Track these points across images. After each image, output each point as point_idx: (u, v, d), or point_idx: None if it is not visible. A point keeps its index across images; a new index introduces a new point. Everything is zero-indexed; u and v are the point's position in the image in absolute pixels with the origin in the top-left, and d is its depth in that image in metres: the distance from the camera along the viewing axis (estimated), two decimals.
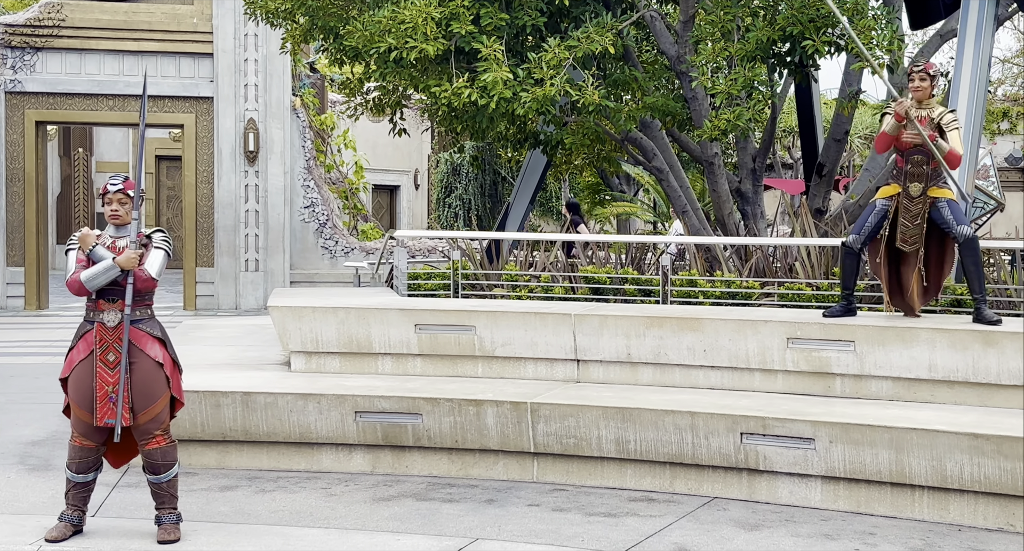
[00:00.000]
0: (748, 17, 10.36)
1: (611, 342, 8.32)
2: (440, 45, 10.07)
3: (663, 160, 12.79)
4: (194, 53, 19.51)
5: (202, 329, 12.66)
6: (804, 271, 9.60)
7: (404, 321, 8.69)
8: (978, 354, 7.37)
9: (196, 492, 7.18)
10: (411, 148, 29.53)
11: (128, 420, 5.86)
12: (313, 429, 7.81)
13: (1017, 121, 32.27)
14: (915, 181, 7.92)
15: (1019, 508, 6.45)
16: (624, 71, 11.85)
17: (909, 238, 8.01)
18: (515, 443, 7.60)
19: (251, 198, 19.48)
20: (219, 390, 7.88)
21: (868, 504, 6.85)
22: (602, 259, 10.97)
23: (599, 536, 6.34)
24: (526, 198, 14.73)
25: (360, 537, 6.17)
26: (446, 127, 12.83)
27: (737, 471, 7.19)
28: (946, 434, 6.58)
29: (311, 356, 8.85)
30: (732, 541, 6.26)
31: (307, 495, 7.22)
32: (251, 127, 19.36)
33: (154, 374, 5.94)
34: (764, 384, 7.98)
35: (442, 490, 7.35)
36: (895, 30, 10.21)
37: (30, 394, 10.67)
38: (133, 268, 5.85)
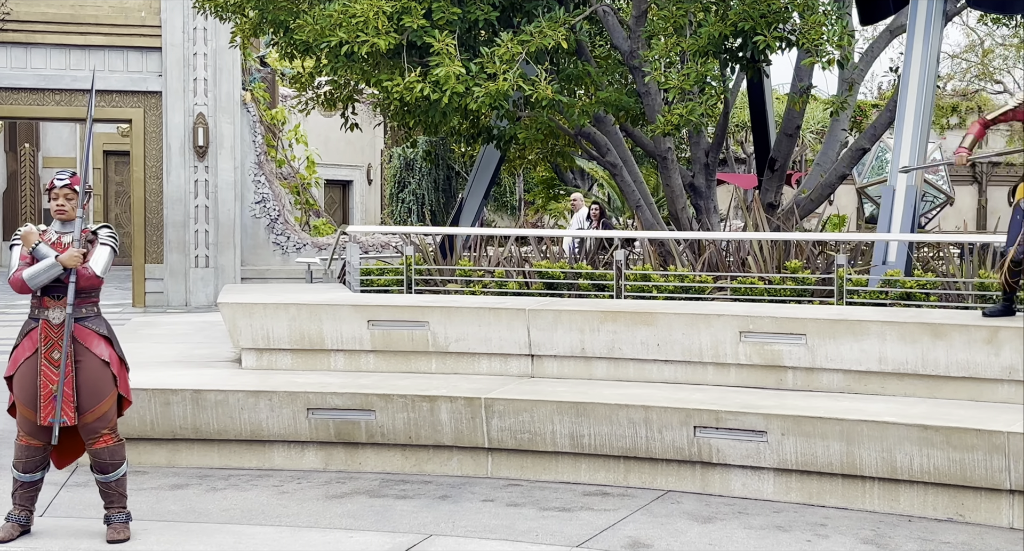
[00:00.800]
0: (700, 12, 10.42)
1: (565, 337, 8.34)
2: (392, 39, 10.03)
3: (617, 155, 12.83)
4: (142, 47, 19.31)
5: (151, 326, 12.56)
6: (756, 265, 9.68)
7: (357, 317, 8.66)
8: (927, 347, 7.46)
9: (146, 491, 7.13)
10: (364, 143, 29.40)
11: (72, 419, 5.80)
12: (264, 427, 7.77)
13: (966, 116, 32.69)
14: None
15: (968, 499, 6.54)
16: (577, 66, 11.87)
17: None
18: (469, 439, 7.60)
19: (201, 194, 19.31)
20: (169, 388, 7.82)
21: (820, 496, 6.92)
22: (556, 254, 10.99)
23: (553, 531, 6.36)
24: (480, 193, 14.72)
25: (313, 535, 6.15)
26: (398, 122, 12.79)
27: (691, 464, 7.23)
28: (896, 426, 6.66)
29: (262, 353, 8.80)
30: (686, 534, 6.30)
31: (259, 493, 7.18)
32: (200, 122, 19.20)
33: (100, 372, 5.88)
34: (717, 378, 8.04)
35: (396, 487, 7.34)
36: (845, 26, 10.31)
37: None
38: (76, 266, 5.79)
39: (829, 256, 9.89)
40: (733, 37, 10.31)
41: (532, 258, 10.84)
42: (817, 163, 13.79)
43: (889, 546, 6.09)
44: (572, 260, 10.53)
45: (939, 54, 10.54)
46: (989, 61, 28.50)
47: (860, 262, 10.00)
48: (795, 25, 10.45)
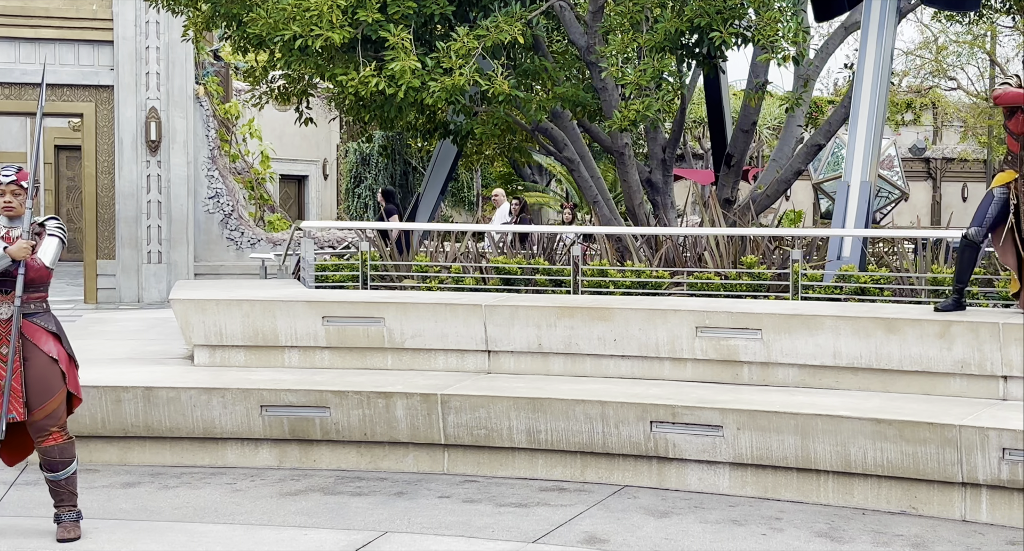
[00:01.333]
0: (656, 8, 10.45)
1: (522, 333, 8.34)
2: (346, 33, 10.00)
3: (574, 150, 12.86)
4: (94, 41, 19.11)
5: (103, 323, 12.45)
6: (713, 261, 9.73)
7: (311, 313, 8.62)
8: (881, 341, 7.53)
9: (97, 489, 7.06)
10: (319, 137, 29.26)
11: (21, 414, 5.74)
12: (218, 424, 7.72)
13: (920, 112, 33.01)
14: None
15: (921, 491, 6.62)
16: (534, 61, 11.89)
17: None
18: (425, 435, 7.59)
19: (153, 188, 19.15)
20: (120, 385, 7.76)
21: (775, 489, 6.97)
22: (513, 250, 11.00)
23: (509, 527, 6.36)
24: (436, 188, 14.71)
25: (266, 532, 6.12)
26: (354, 117, 12.76)
27: (647, 459, 7.26)
28: (850, 420, 6.72)
29: (215, 350, 8.74)
30: (642, 528, 6.33)
31: (212, 491, 7.14)
32: (153, 116, 19.04)
33: (49, 370, 5.82)
34: (674, 373, 8.07)
35: (351, 484, 7.32)
36: (800, 22, 10.39)
37: None
38: (25, 257, 5.73)
39: (785, 251, 9.97)
40: (689, 33, 10.36)
41: (489, 253, 10.84)
42: (773, 159, 13.89)
43: (843, 539, 6.15)
44: (497, 254, 10.55)
45: (893, 51, 10.65)
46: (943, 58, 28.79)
47: (815, 257, 10.09)
48: (751, 21, 10.52)
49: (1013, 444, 6.32)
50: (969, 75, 31.02)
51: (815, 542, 6.09)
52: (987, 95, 29.05)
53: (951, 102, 32.37)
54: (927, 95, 31.05)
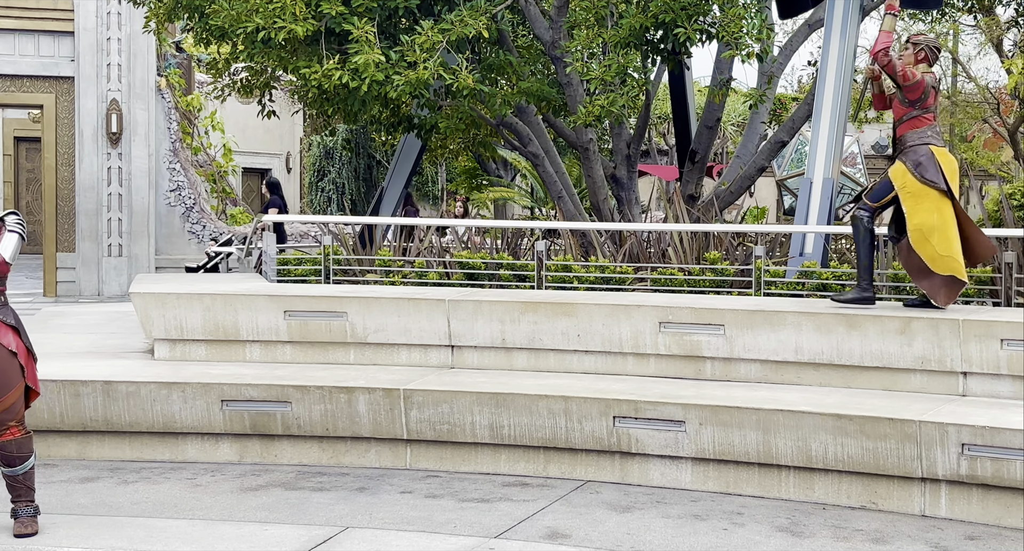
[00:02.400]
0: (622, 4, 10.47)
1: (486, 327, 8.34)
2: (310, 26, 9.96)
3: (539, 145, 12.86)
4: (54, 31, 18.94)
5: (62, 316, 12.33)
6: (677, 256, 9.75)
7: (273, 307, 8.58)
8: (842, 337, 7.57)
9: (55, 484, 7.01)
10: (282, 130, 29.10)
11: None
12: (178, 418, 7.67)
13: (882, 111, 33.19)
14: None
15: (881, 486, 6.67)
16: (499, 55, 11.88)
17: None
18: (388, 430, 7.58)
19: (114, 181, 19.00)
20: (79, 379, 7.70)
21: (736, 484, 7.00)
22: (477, 244, 10.99)
23: (472, 522, 6.36)
24: (400, 182, 14.66)
25: (226, 528, 6.09)
26: (317, 110, 12.71)
27: (610, 454, 7.28)
28: (811, 415, 6.76)
29: (175, 344, 8.69)
30: (604, 523, 6.34)
31: (171, 486, 7.10)
32: (114, 108, 18.89)
33: (7, 363, 5.78)
34: (637, 368, 8.09)
35: (312, 479, 7.30)
36: (764, 19, 10.45)
37: None
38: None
39: (748, 248, 10.01)
40: (654, 29, 10.39)
41: (453, 248, 10.82)
42: (737, 155, 13.96)
43: (804, 533, 6.19)
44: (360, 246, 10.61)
45: (856, 48, 10.71)
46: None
47: (778, 253, 10.14)
48: (715, 18, 10.56)
49: (972, 440, 6.38)
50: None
51: (776, 537, 6.13)
52: (949, 94, 29.27)
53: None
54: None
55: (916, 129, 7.61)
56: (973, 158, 30.39)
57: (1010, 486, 6.32)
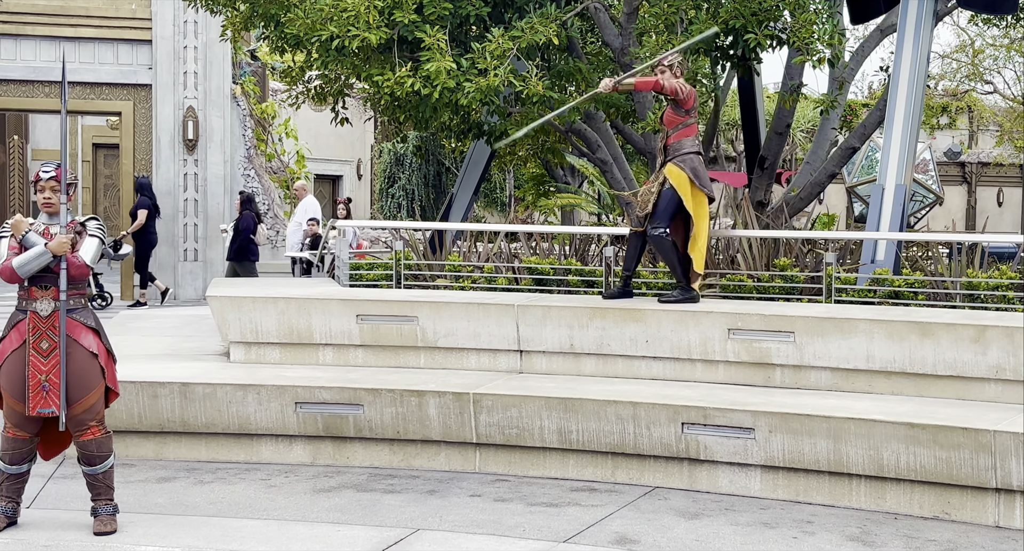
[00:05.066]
0: (691, 10, 10.44)
1: (554, 333, 8.34)
2: (383, 34, 10.03)
3: (607, 152, 12.85)
4: (132, 40, 19.27)
5: (140, 319, 12.53)
6: (746, 263, 9.68)
7: (345, 311, 8.66)
8: (915, 345, 7.47)
9: (133, 483, 7.12)
10: (354, 137, 29.39)
11: (59, 407, 5.79)
12: (252, 420, 7.76)
13: (956, 116, 32.74)
14: (659, 155, 8.63)
15: (954, 496, 6.57)
16: (568, 62, 11.88)
17: (640, 206, 8.64)
18: (457, 434, 7.60)
19: (190, 187, 19.28)
20: (157, 381, 7.81)
21: (806, 493, 6.94)
22: (545, 250, 10.99)
23: (540, 526, 6.36)
24: (470, 189, 14.72)
25: (300, 528, 6.15)
26: (389, 117, 12.79)
27: (678, 461, 7.25)
28: (883, 424, 6.68)
29: (251, 347, 8.79)
30: (672, 530, 6.32)
31: (246, 486, 7.18)
32: (190, 115, 19.17)
33: (88, 365, 5.88)
34: (705, 375, 8.05)
35: (383, 481, 7.35)
36: (836, 25, 10.34)
37: None
38: (65, 253, 5.78)
39: (818, 254, 9.91)
40: (725, 35, 10.33)
41: (522, 254, 10.83)
42: (807, 162, 13.82)
43: (875, 543, 6.12)
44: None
45: (929, 54, 10.57)
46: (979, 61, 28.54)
47: (849, 260, 10.02)
48: (786, 23, 10.49)
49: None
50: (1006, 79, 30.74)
51: (847, 546, 6.07)
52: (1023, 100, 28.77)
53: (987, 106, 32.09)
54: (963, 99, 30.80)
55: (689, 136, 8.45)
56: None
57: None
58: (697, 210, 8.43)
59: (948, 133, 35.58)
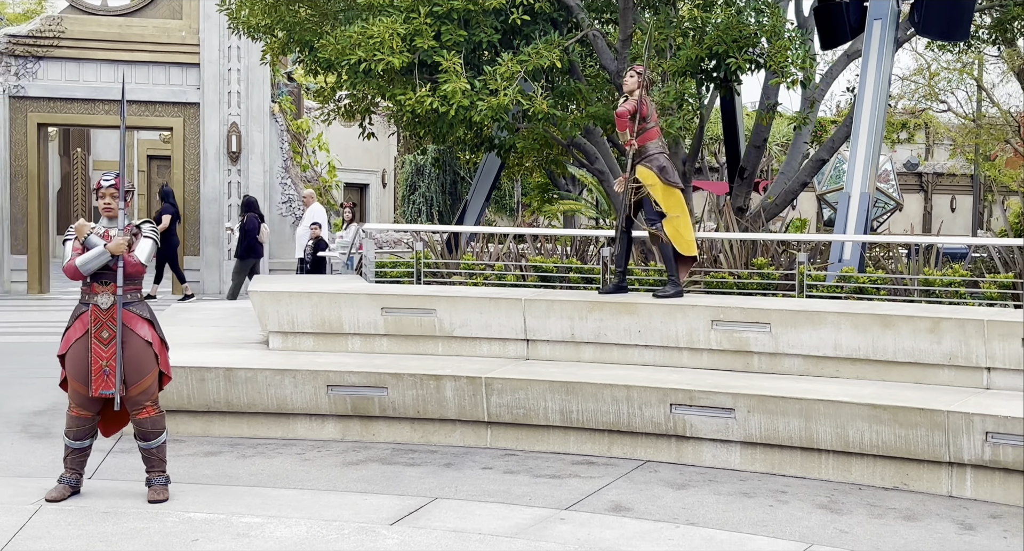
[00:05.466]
0: (679, 37, 10.41)
1: (557, 324, 8.34)
2: (405, 58, 10.03)
3: (604, 163, 12.82)
4: (182, 63, 19.32)
5: (189, 312, 12.54)
6: (727, 262, 9.67)
7: (372, 305, 8.66)
8: (877, 335, 7.46)
9: (183, 457, 7.13)
10: (379, 150, 29.38)
11: (121, 391, 5.82)
12: (289, 401, 7.78)
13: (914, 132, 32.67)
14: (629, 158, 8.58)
15: (912, 469, 6.56)
16: (570, 83, 11.85)
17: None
18: (471, 413, 7.61)
19: (233, 194, 19.31)
20: (204, 366, 7.83)
21: (781, 466, 6.93)
22: (549, 250, 10.98)
23: (545, 495, 6.37)
24: (482, 196, 14.72)
25: (331, 497, 6.16)
26: (410, 131, 12.78)
27: (667, 438, 7.24)
28: (849, 405, 6.68)
29: (287, 336, 8.80)
30: (662, 499, 6.32)
31: (283, 460, 7.19)
32: (234, 130, 19.20)
33: (144, 351, 5.90)
34: (691, 361, 8.04)
35: (405, 455, 7.35)
36: (808, 50, 10.31)
37: (32, 369, 10.53)
38: (122, 253, 5.80)
39: (791, 254, 9.89)
40: (708, 59, 10.30)
41: (528, 254, 10.82)
42: (781, 172, 13.78)
43: (842, 511, 6.11)
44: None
45: (890, 76, 10.55)
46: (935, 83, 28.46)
47: (819, 260, 10.00)
48: (763, 49, 10.46)
49: (995, 428, 6.26)
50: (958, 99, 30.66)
51: (816, 513, 6.06)
52: (975, 117, 28.69)
53: (942, 123, 31.99)
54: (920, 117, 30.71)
55: (652, 140, 8.41)
56: (996, 175, 29.77)
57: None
58: (668, 201, 8.37)
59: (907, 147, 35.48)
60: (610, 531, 5.49)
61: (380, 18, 10.03)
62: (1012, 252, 8.81)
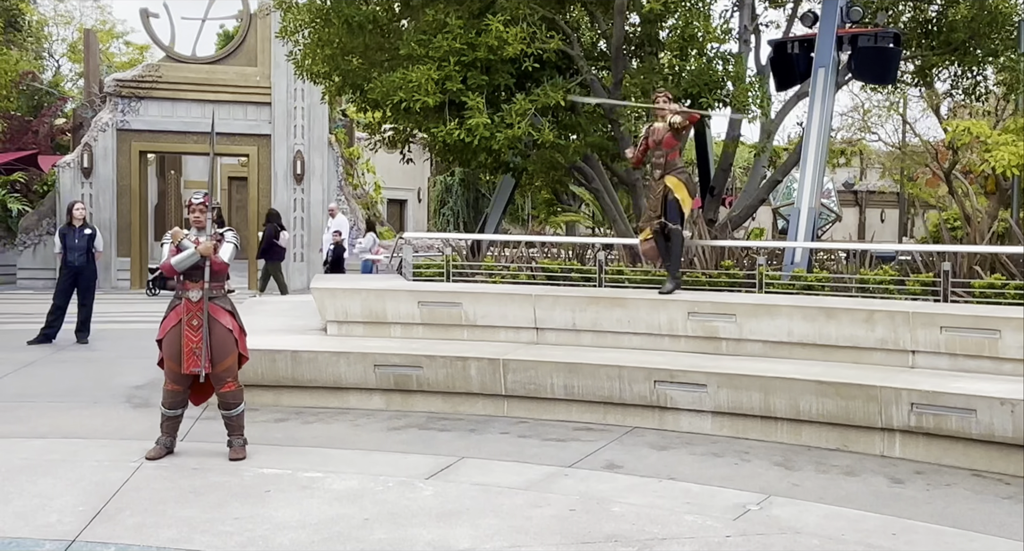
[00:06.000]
0: (661, 81, 10.36)
1: (561, 315, 8.30)
2: (437, 98, 10.01)
3: (599, 182, 12.78)
4: (257, 102, 19.36)
5: (262, 305, 12.50)
6: (700, 264, 9.60)
7: (410, 299, 8.64)
8: (823, 324, 7.41)
9: (257, 423, 7.12)
10: (416, 172, 29.37)
11: (208, 369, 5.82)
12: (343, 378, 7.76)
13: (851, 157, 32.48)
14: (656, 169, 8.43)
15: (851, 434, 6.51)
16: (571, 118, 11.81)
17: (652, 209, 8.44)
18: (491, 388, 7.58)
19: (298, 208, 19.34)
20: (274, 349, 7.83)
21: (744, 431, 6.89)
22: (554, 254, 10.93)
23: (552, 455, 6.34)
24: (500, 209, 14.69)
25: (377, 456, 6.14)
26: (441, 157, 12.76)
27: (651, 408, 7.20)
28: (800, 381, 6.63)
29: (342, 324, 8.79)
30: (647, 458, 6.28)
31: (339, 426, 7.18)
32: (298, 157, 19.22)
33: (226, 337, 5.89)
34: (671, 346, 8.00)
35: (438, 422, 7.33)
36: (765, 92, 10.25)
37: (134, 351, 10.55)
38: (209, 255, 5.80)
39: (753, 258, 9.81)
40: (685, 99, 10.25)
41: (537, 257, 10.78)
42: (744, 191, 13.69)
43: (794, 467, 6.07)
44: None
45: (832, 112, 10.46)
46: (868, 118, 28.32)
47: (775, 263, 9.92)
48: (728, 91, 10.40)
49: (919, 401, 6.20)
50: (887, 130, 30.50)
51: (774, 470, 6.02)
52: (900, 146, 28.51)
53: (873, 150, 31.85)
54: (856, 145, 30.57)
55: (680, 155, 8.38)
56: (917, 193, 29.59)
57: (947, 435, 6.14)
58: (682, 194, 8.36)
59: (845, 169, 35.27)
60: (605, 484, 5.46)
61: (417, 66, 10.01)
62: (931, 256, 8.73)
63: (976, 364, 6.93)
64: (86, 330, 11.35)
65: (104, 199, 19.22)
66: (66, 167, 19.13)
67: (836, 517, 4.87)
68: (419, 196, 31.19)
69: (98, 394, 8.18)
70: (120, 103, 19.05)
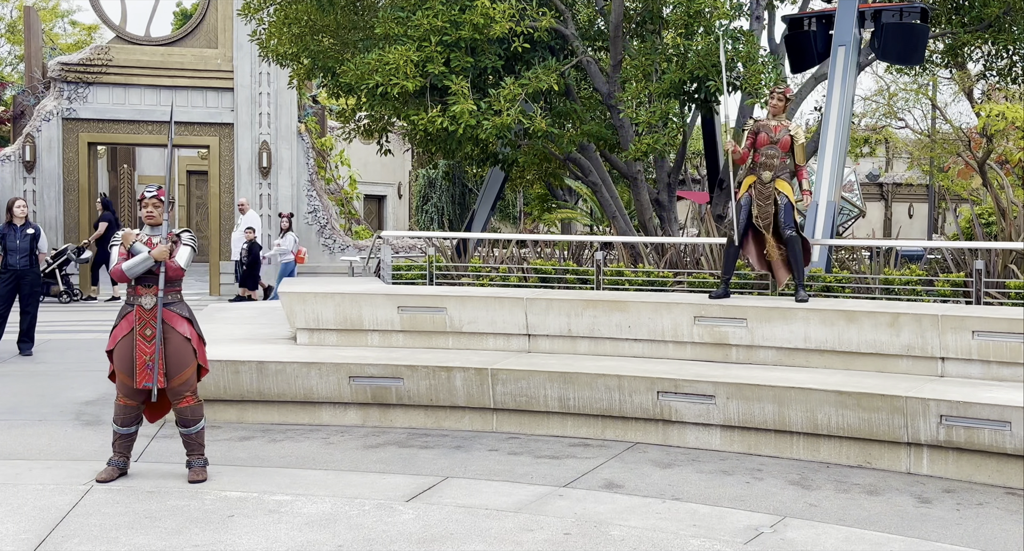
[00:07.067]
0: (664, 62, 10.42)
1: (555, 320, 8.34)
2: (418, 82, 10.05)
3: (597, 176, 12.83)
4: (218, 87, 19.34)
5: (224, 311, 12.53)
6: (708, 263, 9.65)
7: (389, 304, 8.66)
8: (843, 329, 7.46)
9: (220, 442, 7.13)
10: (395, 165, 29.36)
11: (163, 383, 5.83)
12: (315, 391, 7.77)
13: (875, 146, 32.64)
14: (766, 170, 8.33)
15: (874, 449, 6.55)
16: (566, 104, 11.87)
17: (763, 217, 8.32)
18: (478, 401, 7.60)
19: (264, 205, 19.33)
20: (238, 359, 7.83)
21: (756, 447, 6.93)
22: (548, 254, 10.97)
23: (545, 474, 6.36)
24: (488, 206, 14.72)
25: (353, 477, 6.15)
26: (423, 148, 12.80)
27: (654, 422, 7.24)
28: (817, 391, 6.67)
29: (313, 332, 8.80)
30: (650, 477, 6.31)
31: (310, 444, 7.19)
32: (264, 148, 19.22)
33: (183, 347, 5.90)
34: (676, 353, 8.03)
35: (419, 439, 7.35)
36: (779, 74, 10.31)
37: (83, 364, 10.54)
38: (164, 259, 5.81)
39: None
40: (690, 82, 10.32)
41: (529, 257, 10.82)
42: None
43: (812, 486, 6.10)
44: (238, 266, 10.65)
45: (853, 97, 10.53)
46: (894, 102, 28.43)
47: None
48: (739, 73, 10.46)
49: (949, 412, 6.25)
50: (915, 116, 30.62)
51: (789, 489, 6.06)
52: (929, 133, 28.65)
53: (900, 138, 31.99)
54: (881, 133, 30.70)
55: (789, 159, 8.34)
56: (948, 185, 29.74)
57: (979, 450, 6.19)
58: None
59: (869, 160, 35.44)
60: (603, 506, 5.49)
61: (395, 46, 10.04)
62: (963, 254, 8.80)
63: (1011, 372, 6.99)
64: (30, 340, 11.34)
65: (49, 195, 19.18)
66: (6, 160, 19.08)
67: (857, 540, 4.91)
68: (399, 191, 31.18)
69: (43, 411, 8.18)
70: (66, 89, 19.02)
